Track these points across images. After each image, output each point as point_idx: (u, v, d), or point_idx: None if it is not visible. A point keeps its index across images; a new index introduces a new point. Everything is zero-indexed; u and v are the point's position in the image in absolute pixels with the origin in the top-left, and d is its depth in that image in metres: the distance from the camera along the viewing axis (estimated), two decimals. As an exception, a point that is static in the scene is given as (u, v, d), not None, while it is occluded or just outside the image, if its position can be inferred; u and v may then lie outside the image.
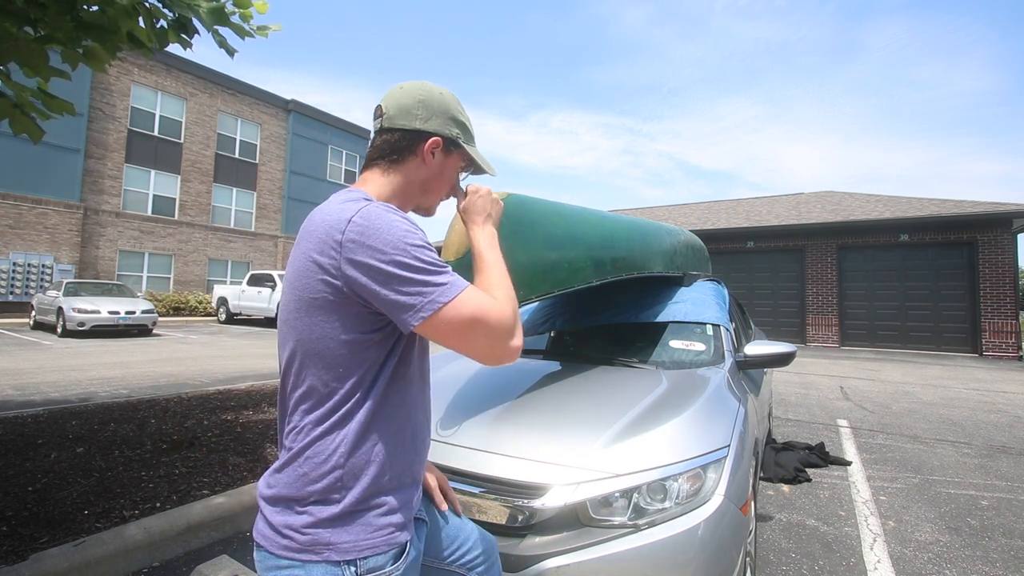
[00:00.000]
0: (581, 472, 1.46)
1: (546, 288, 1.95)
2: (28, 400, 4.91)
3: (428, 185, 0.94)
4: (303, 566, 0.75)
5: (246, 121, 21.91)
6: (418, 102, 0.91)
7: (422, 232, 0.80)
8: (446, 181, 0.96)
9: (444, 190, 0.97)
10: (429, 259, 0.76)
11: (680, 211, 19.53)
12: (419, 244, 0.76)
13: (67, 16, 2.31)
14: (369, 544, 0.77)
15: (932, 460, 3.93)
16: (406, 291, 0.73)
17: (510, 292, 0.84)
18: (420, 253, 0.75)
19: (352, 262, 0.74)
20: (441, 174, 0.94)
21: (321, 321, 0.77)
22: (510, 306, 0.80)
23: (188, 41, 2.78)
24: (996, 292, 11.71)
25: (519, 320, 0.81)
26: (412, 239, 0.76)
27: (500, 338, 0.77)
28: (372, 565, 0.77)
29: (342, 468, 0.77)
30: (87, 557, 1.99)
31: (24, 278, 15.35)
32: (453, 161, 0.95)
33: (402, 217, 0.78)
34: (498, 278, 0.86)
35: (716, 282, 3.30)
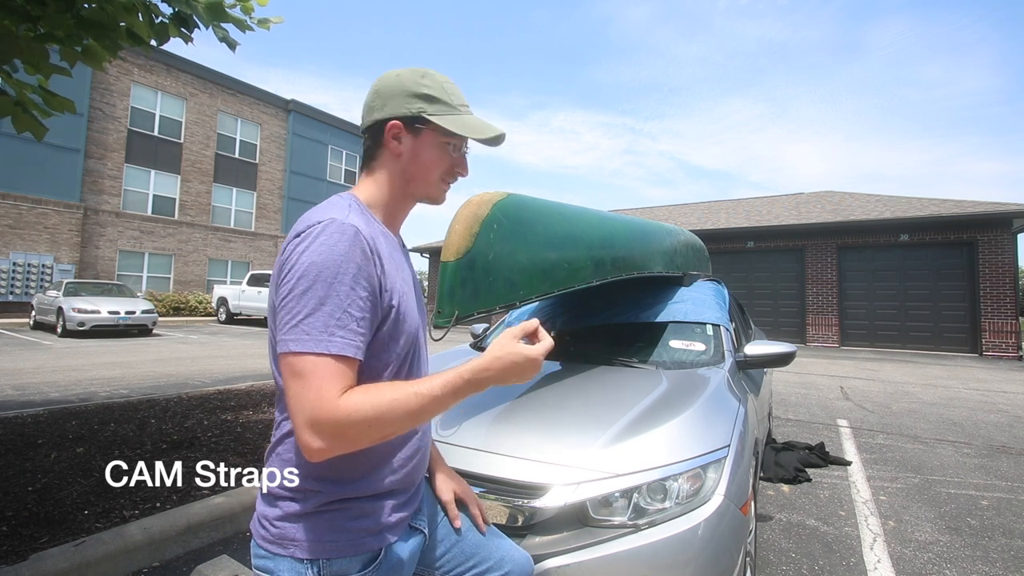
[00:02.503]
0: (581, 472, 1.46)
1: (546, 288, 1.95)
2: (28, 400, 4.91)
3: (409, 173, 0.86)
4: (272, 558, 0.76)
5: (246, 121, 21.91)
6: (374, 93, 0.86)
7: (359, 269, 0.72)
8: (428, 163, 0.86)
9: (432, 172, 0.87)
10: (324, 298, 0.69)
11: (680, 211, 19.54)
12: (332, 280, 0.70)
13: (67, 13, 2.31)
14: (334, 546, 0.76)
15: (932, 460, 3.93)
16: (285, 318, 0.70)
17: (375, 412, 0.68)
18: (322, 288, 0.70)
19: (282, 269, 0.74)
20: (417, 158, 0.85)
21: (270, 321, 0.77)
22: (338, 411, 0.66)
23: (188, 36, 2.78)
24: (996, 292, 11.71)
25: (344, 436, 0.67)
26: (333, 270, 0.70)
27: (301, 411, 0.67)
28: (336, 569, 0.76)
29: (308, 466, 0.76)
30: (87, 557, 1.99)
31: (24, 278, 15.35)
32: (428, 139, 0.85)
33: (349, 244, 0.72)
34: (405, 395, 0.71)
35: (716, 282, 3.30)
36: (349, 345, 0.70)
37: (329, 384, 0.67)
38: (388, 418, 0.69)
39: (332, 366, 0.68)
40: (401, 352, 0.83)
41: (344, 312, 0.70)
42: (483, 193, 1.82)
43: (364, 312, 0.72)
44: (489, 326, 3.35)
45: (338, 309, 0.70)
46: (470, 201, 1.76)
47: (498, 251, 1.73)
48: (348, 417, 0.67)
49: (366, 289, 0.73)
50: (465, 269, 1.63)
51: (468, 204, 1.75)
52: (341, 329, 0.69)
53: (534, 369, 0.79)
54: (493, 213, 1.73)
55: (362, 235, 0.74)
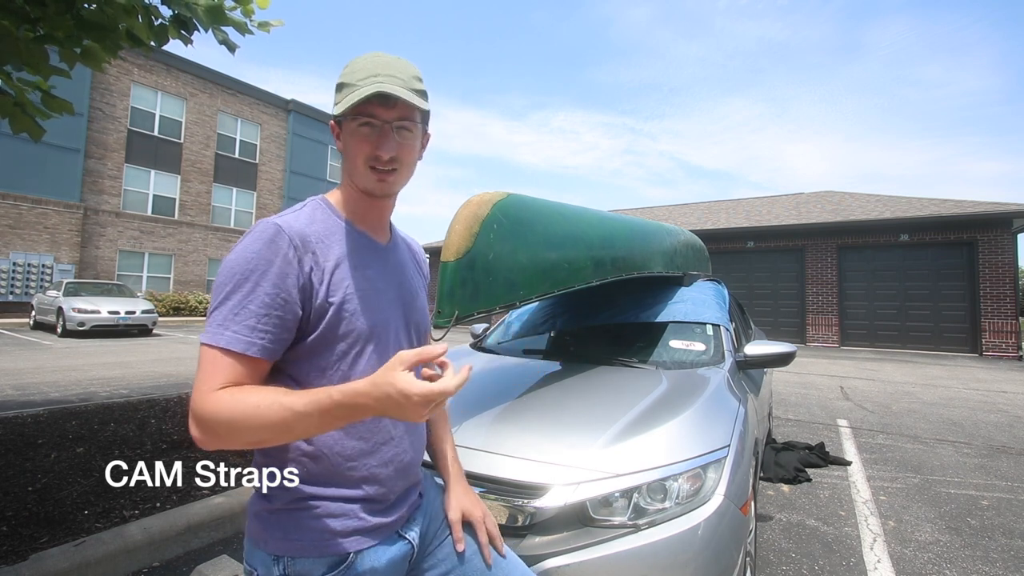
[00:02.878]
0: (581, 472, 1.46)
1: (546, 288, 1.95)
2: (28, 400, 4.91)
3: (347, 168, 0.87)
4: (252, 552, 0.79)
5: (246, 121, 21.90)
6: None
7: (268, 265, 0.73)
8: (352, 153, 0.83)
9: (356, 161, 0.83)
10: (228, 292, 0.72)
11: (680, 211, 19.54)
12: (239, 275, 0.72)
13: (67, 15, 2.31)
14: (299, 545, 0.76)
15: (932, 460, 3.93)
16: (209, 308, 0.75)
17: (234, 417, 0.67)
18: (230, 282, 0.73)
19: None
20: (347, 150, 0.84)
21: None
22: (212, 405, 0.67)
23: (188, 38, 2.78)
24: (996, 292, 11.71)
25: (208, 424, 0.68)
26: (241, 265, 0.73)
27: (192, 399, 0.70)
28: (300, 568, 0.76)
29: (273, 463, 0.78)
30: (87, 557, 1.99)
31: (24, 278, 15.35)
32: (346, 128, 0.83)
33: (261, 242, 0.74)
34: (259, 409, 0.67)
35: (716, 282, 3.31)
36: (239, 340, 0.71)
37: (210, 376, 0.69)
38: (248, 424, 0.67)
39: (219, 359, 0.70)
40: (348, 351, 0.80)
41: (243, 308, 0.71)
42: (483, 193, 1.82)
43: (269, 309, 0.72)
44: (489, 326, 3.35)
45: (238, 305, 0.71)
46: (470, 201, 1.77)
47: (498, 251, 1.73)
48: (211, 414, 0.67)
49: (276, 287, 0.73)
50: (465, 269, 1.63)
51: (468, 204, 1.75)
52: (236, 324, 0.71)
53: (414, 409, 0.65)
54: (493, 213, 1.73)
55: (285, 234, 0.75)
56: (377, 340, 0.83)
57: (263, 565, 0.77)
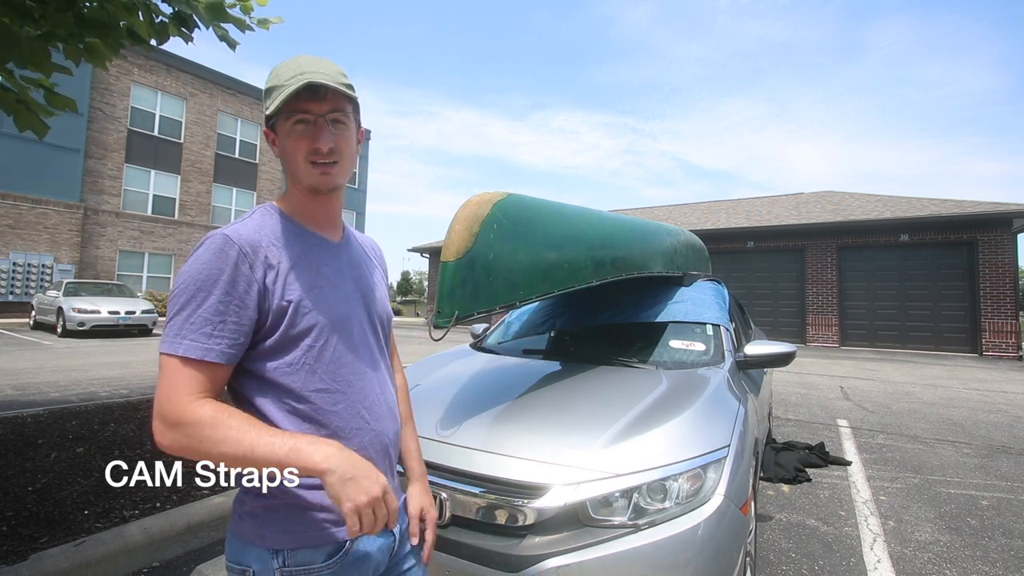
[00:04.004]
0: (581, 472, 1.46)
1: (546, 288, 1.95)
2: (28, 400, 4.91)
3: (288, 170, 0.88)
4: (243, 549, 0.80)
5: (246, 121, 21.90)
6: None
7: (218, 273, 0.76)
8: (290, 152, 0.84)
9: (296, 159, 0.84)
10: (182, 303, 0.75)
11: (680, 211, 19.54)
12: (192, 286, 0.75)
13: (68, 12, 2.31)
14: (298, 537, 0.79)
15: (932, 460, 3.93)
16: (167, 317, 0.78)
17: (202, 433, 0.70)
18: (185, 292, 0.75)
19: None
20: (284, 151, 0.85)
21: None
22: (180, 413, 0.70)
23: (188, 35, 2.79)
24: (996, 292, 11.72)
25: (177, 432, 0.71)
26: (195, 276, 0.75)
27: (156, 404, 0.72)
28: (301, 559, 0.78)
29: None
30: (87, 557, 1.99)
31: (24, 278, 15.35)
32: (279, 129, 0.84)
33: (212, 254, 0.76)
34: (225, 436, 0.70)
35: (716, 282, 3.31)
36: (197, 348, 0.74)
37: (175, 384, 0.72)
38: (219, 442, 0.70)
39: (179, 367, 0.73)
40: (312, 346, 0.83)
41: (197, 317, 0.75)
42: (483, 193, 1.82)
43: (223, 316, 0.76)
44: (489, 326, 3.35)
45: (192, 314, 0.75)
46: (470, 201, 1.77)
47: (498, 251, 1.73)
48: (192, 423, 0.70)
49: (229, 294, 0.76)
50: (465, 269, 1.63)
51: (468, 204, 1.75)
52: (193, 333, 0.74)
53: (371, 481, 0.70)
54: (493, 213, 1.73)
55: (234, 243, 0.78)
56: (340, 333, 0.86)
57: (259, 561, 0.78)
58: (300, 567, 0.78)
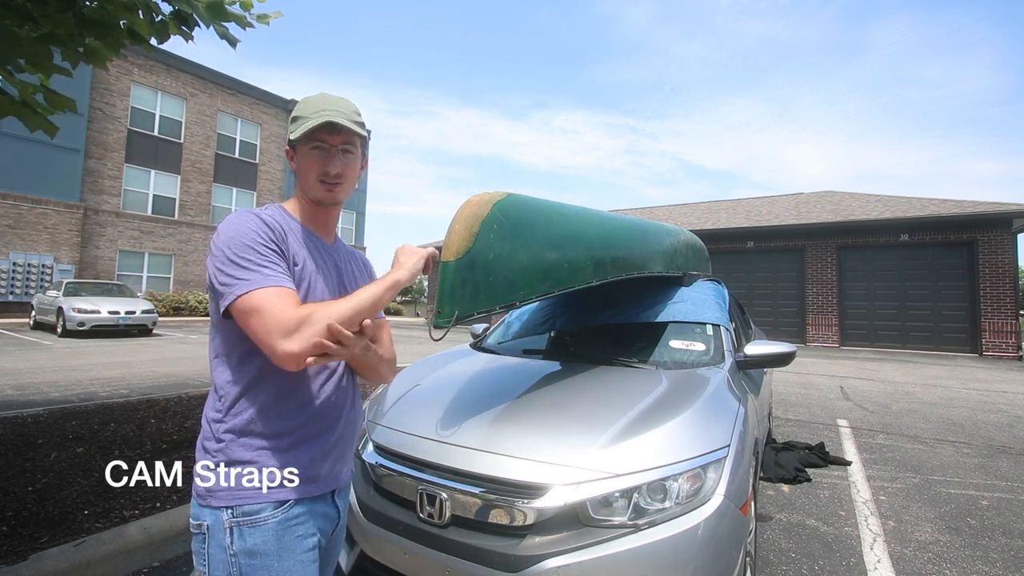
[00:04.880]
0: (581, 472, 1.46)
1: (546, 288, 1.95)
2: (28, 400, 4.91)
3: (299, 183, 1.06)
4: (199, 508, 0.91)
5: (246, 121, 21.90)
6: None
7: (263, 235, 0.92)
8: (304, 170, 1.02)
9: (308, 177, 1.02)
10: (247, 257, 0.88)
11: (680, 211, 19.53)
12: (247, 244, 0.89)
13: (68, 13, 2.31)
14: (243, 494, 0.89)
15: (932, 460, 3.93)
16: (222, 281, 0.88)
17: (319, 311, 0.87)
18: (243, 252, 0.88)
19: (209, 256, 0.92)
20: (299, 168, 1.03)
21: (211, 304, 0.96)
22: (298, 316, 0.84)
23: (189, 34, 2.78)
24: (996, 292, 11.72)
25: (302, 333, 0.83)
26: (244, 238, 0.89)
27: (270, 333, 0.83)
28: (248, 510, 0.89)
29: (220, 422, 0.92)
30: (87, 557, 1.99)
31: (24, 278, 15.34)
32: (300, 151, 1.02)
33: (251, 220, 0.92)
34: (333, 302, 0.91)
35: (716, 282, 3.30)
36: (281, 278, 0.91)
37: (276, 301, 0.85)
38: (338, 315, 0.88)
39: (270, 292, 0.87)
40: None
41: (256, 258, 0.91)
42: (483, 193, 1.82)
43: (279, 259, 0.95)
44: (489, 326, 3.35)
45: (252, 258, 0.91)
46: (470, 201, 1.76)
47: (498, 251, 1.72)
48: (306, 319, 0.84)
49: (274, 244, 0.96)
50: (465, 269, 1.63)
51: (468, 204, 1.75)
52: (267, 270, 0.90)
53: (407, 251, 1.08)
54: (493, 213, 1.73)
55: (261, 218, 0.96)
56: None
57: (211, 516, 0.90)
58: (247, 517, 0.89)
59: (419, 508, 1.54)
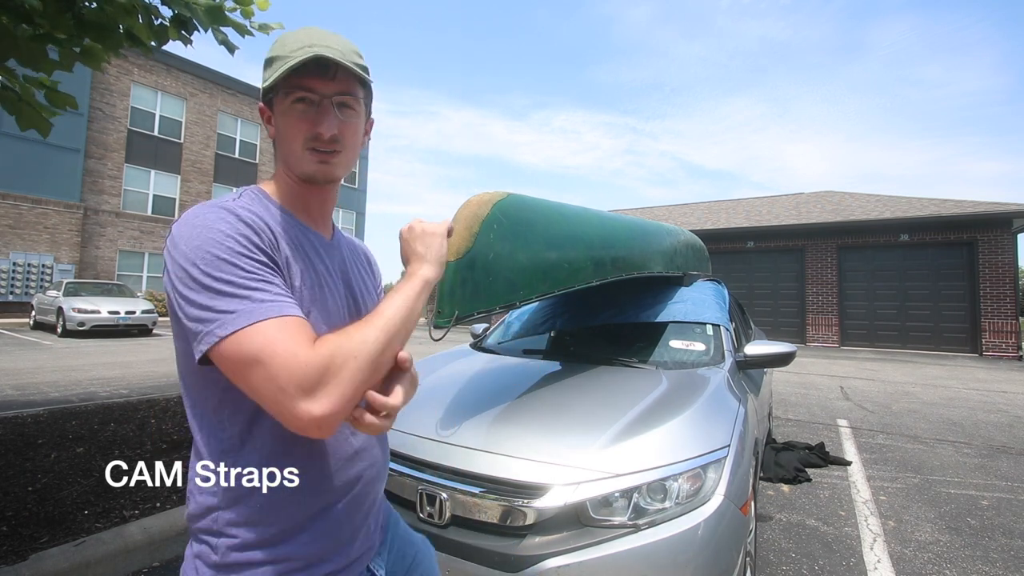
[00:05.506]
0: (581, 472, 1.46)
1: (546, 288, 1.95)
2: (28, 400, 4.91)
3: (282, 152, 0.75)
4: None
5: (246, 121, 21.89)
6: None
7: (244, 240, 0.63)
8: (287, 134, 0.73)
9: (293, 143, 0.73)
10: (224, 277, 0.59)
11: (680, 211, 19.53)
12: (221, 256, 0.60)
13: (67, 14, 2.31)
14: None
15: (932, 460, 3.93)
16: (193, 314, 0.59)
17: (349, 346, 0.60)
18: (218, 268, 0.59)
19: (165, 273, 0.63)
20: (280, 132, 0.74)
21: (177, 342, 0.67)
22: (323, 359, 0.57)
23: (188, 38, 2.79)
24: (996, 292, 11.71)
25: (333, 385, 0.57)
26: (215, 248, 0.60)
27: (282, 391, 0.55)
28: None
29: (216, 509, 0.65)
30: (87, 557, 1.99)
31: (24, 278, 15.34)
32: (277, 106, 0.73)
33: (222, 219, 0.63)
34: (358, 326, 0.64)
35: (716, 282, 3.31)
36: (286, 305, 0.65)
37: (288, 339, 0.59)
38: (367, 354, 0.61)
39: (275, 324, 0.60)
40: None
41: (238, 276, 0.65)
42: (483, 193, 1.82)
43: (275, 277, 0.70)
44: (489, 326, 3.35)
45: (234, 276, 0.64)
46: (470, 201, 1.77)
47: (498, 251, 1.73)
48: (336, 357, 0.59)
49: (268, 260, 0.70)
50: (465, 269, 1.63)
51: (468, 204, 1.75)
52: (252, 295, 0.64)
53: (420, 233, 0.80)
54: (493, 213, 1.73)
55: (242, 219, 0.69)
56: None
57: None
58: None
59: (419, 508, 1.54)
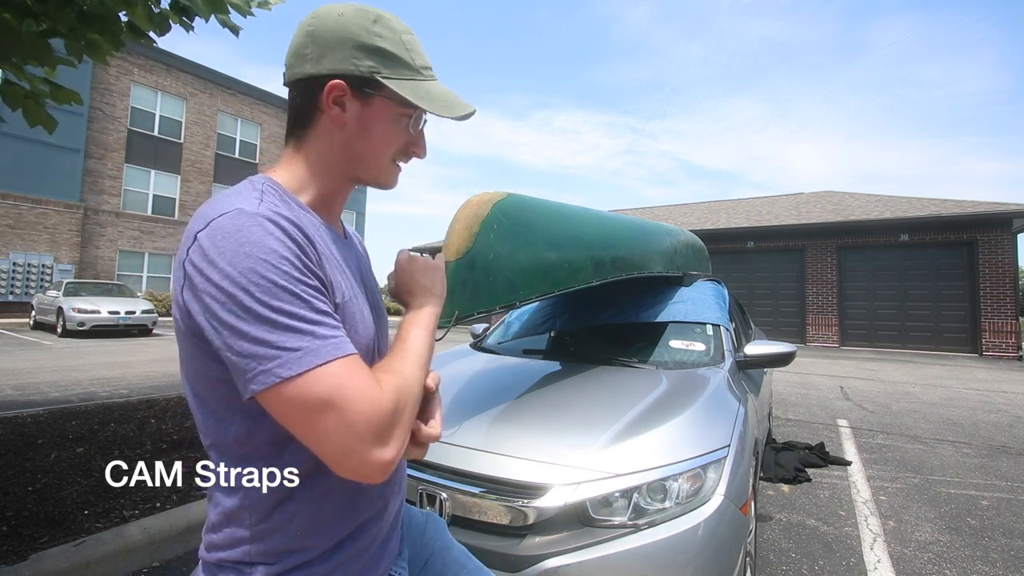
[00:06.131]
0: (581, 472, 1.46)
1: (546, 288, 1.95)
2: (28, 400, 4.91)
3: (354, 150, 0.67)
4: None
5: (246, 121, 21.90)
6: (307, 35, 0.65)
7: (296, 259, 0.55)
8: (379, 140, 0.68)
9: (384, 152, 0.69)
10: (287, 306, 0.52)
11: (680, 211, 19.53)
12: (279, 283, 0.52)
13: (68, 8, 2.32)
14: None
15: (932, 460, 3.93)
16: (239, 348, 0.51)
17: (405, 384, 0.58)
18: (275, 296, 0.52)
19: (191, 290, 0.54)
20: (366, 131, 0.66)
21: (188, 355, 0.59)
22: (390, 400, 0.55)
23: (189, 24, 2.78)
24: (996, 292, 11.71)
25: (400, 427, 0.56)
26: (271, 272, 0.52)
27: (358, 438, 0.51)
28: None
29: (247, 542, 0.60)
30: (87, 557, 1.99)
31: (24, 278, 15.35)
32: (380, 108, 0.66)
33: (269, 234, 0.54)
34: (402, 360, 0.62)
35: (716, 282, 3.31)
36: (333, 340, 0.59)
37: (359, 379, 0.55)
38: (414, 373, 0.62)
39: (346, 364, 0.56)
40: None
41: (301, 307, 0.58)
42: (483, 193, 1.82)
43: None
44: (489, 326, 3.35)
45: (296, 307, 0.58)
46: (470, 201, 1.77)
47: (498, 251, 1.73)
48: (401, 397, 0.57)
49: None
50: (465, 269, 1.63)
51: (468, 204, 1.75)
52: (317, 328, 0.58)
53: (424, 267, 0.79)
54: (493, 213, 1.73)
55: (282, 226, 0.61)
56: (366, 352, 0.66)
57: None
58: None
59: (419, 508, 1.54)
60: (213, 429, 0.61)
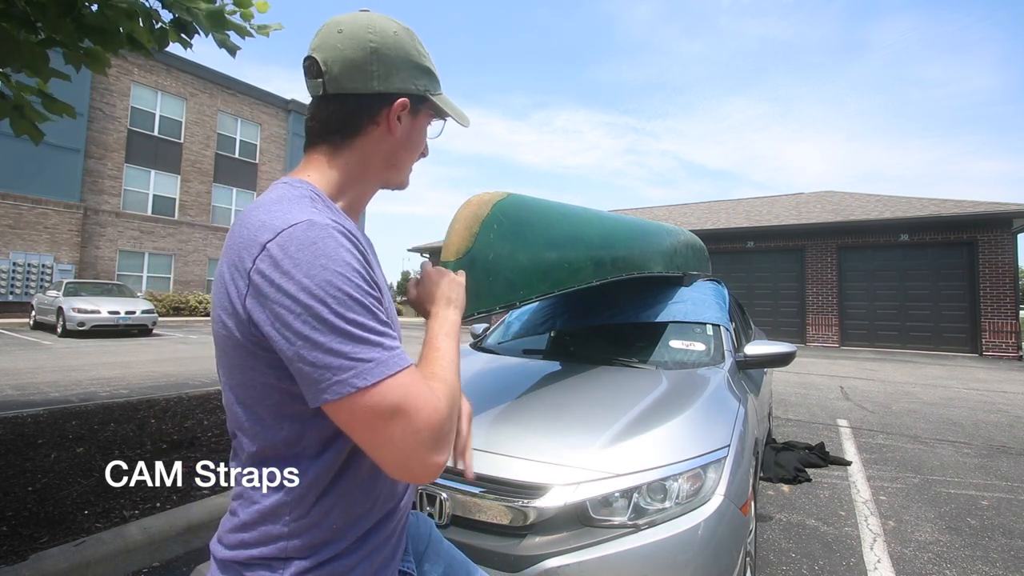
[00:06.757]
0: (581, 472, 1.46)
1: (546, 288, 1.95)
2: (28, 400, 4.91)
3: (395, 158, 0.74)
4: None
5: (246, 121, 21.90)
6: (371, 53, 0.67)
7: (364, 272, 0.58)
8: (415, 147, 0.76)
9: (413, 158, 0.77)
10: (360, 318, 0.54)
11: (680, 211, 19.53)
12: (353, 296, 0.55)
13: (67, 18, 2.31)
14: None
15: (932, 460, 3.93)
16: (313, 359, 0.53)
17: (453, 391, 0.63)
18: (350, 308, 0.54)
19: (259, 300, 0.55)
20: (409, 140, 0.74)
21: (240, 364, 0.60)
22: (447, 407, 0.59)
23: (188, 41, 2.78)
24: (996, 292, 11.72)
25: (451, 431, 0.60)
26: (346, 284, 0.54)
27: (422, 443, 0.55)
28: None
29: (285, 537, 0.61)
30: (87, 557, 1.99)
31: (24, 278, 15.35)
32: (421, 120, 0.75)
33: (341, 246, 0.56)
34: (444, 369, 0.67)
35: (716, 282, 3.31)
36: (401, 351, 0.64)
37: (423, 387, 0.58)
38: (457, 379, 0.69)
39: (412, 373, 0.59)
40: None
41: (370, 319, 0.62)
42: (483, 193, 1.82)
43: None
44: (489, 326, 3.35)
45: (367, 318, 0.61)
46: (470, 201, 1.76)
47: (498, 251, 1.72)
48: (453, 401, 0.63)
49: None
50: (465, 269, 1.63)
51: (468, 204, 1.75)
52: (384, 340, 0.61)
53: (447, 279, 0.86)
54: (493, 213, 1.73)
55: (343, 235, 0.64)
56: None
57: None
58: None
59: (419, 508, 1.54)
60: (261, 434, 0.62)
